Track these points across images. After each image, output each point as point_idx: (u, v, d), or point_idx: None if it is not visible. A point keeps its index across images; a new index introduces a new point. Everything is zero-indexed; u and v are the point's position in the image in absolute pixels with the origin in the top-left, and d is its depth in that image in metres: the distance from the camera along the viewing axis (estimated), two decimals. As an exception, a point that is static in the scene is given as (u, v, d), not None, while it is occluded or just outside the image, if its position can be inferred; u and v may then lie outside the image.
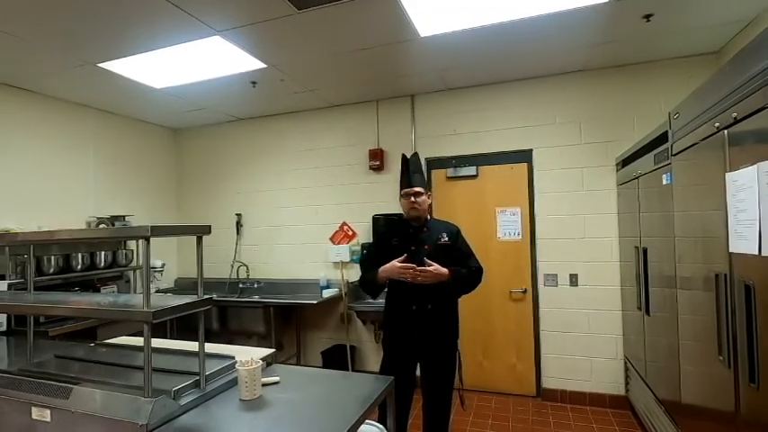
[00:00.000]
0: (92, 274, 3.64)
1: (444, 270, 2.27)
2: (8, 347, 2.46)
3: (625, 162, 3.10)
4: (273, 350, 2.06)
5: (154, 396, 1.43)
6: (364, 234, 4.09)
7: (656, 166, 2.38)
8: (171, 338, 2.53)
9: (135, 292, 4.03)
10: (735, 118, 1.46)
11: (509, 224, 3.73)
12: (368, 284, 2.48)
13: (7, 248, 3.11)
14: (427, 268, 2.24)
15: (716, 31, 2.85)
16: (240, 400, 1.59)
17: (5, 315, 2.87)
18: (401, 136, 4.04)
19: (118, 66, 3.09)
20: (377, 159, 4.05)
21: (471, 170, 3.83)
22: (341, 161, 4.26)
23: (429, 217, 2.50)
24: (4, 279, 3.02)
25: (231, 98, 3.95)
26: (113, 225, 3.82)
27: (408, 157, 2.53)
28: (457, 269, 2.33)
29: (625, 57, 3.27)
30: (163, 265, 4.23)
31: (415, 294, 2.33)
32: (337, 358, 3.97)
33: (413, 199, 2.39)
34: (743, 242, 1.40)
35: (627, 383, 3.32)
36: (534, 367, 3.66)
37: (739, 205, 1.41)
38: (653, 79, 3.34)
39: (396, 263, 2.29)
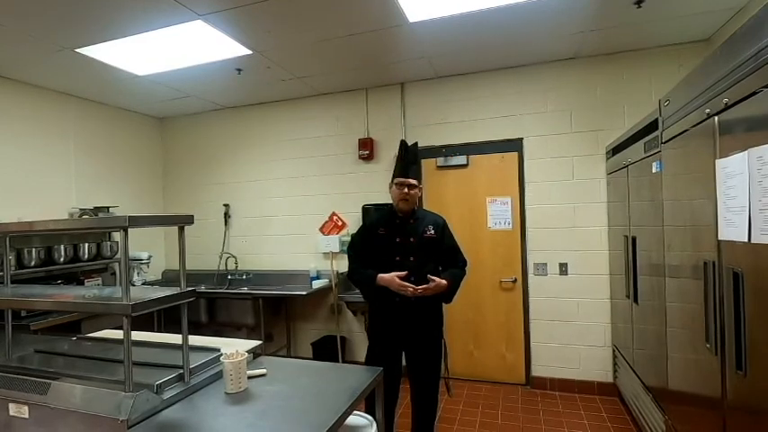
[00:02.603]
0: (75, 266, 3.57)
1: (444, 282, 2.28)
2: (-12, 342, 2.40)
3: (615, 150, 3.09)
4: (260, 342, 2.03)
5: (135, 390, 1.39)
6: (354, 224, 4.05)
7: (645, 155, 2.37)
8: (159, 331, 2.49)
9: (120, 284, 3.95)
10: (725, 104, 1.44)
11: (499, 214, 3.72)
12: (362, 285, 2.45)
13: (-15, 241, 3.02)
14: (428, 285, 2.25)
15: (706, 18, 2.84)
16: (225, 393, 1.56)
17: (-15, 309, 2.78)
18: (391, 125, 3.99)
19: (98, 51, 2.98)
20: (366, 149, 4.00)
21: (461, 159, 3.80)
22: (330, 150, 4.20)
23: (417, 208, 2.47)
24: (-17, 272, 2.94)
25: (217, 86, 3.86)
26: (97, 216, 3.72)
27: (408, 144, 2.48)
28: (453, 275, 2.34)
29: (616, 44, 3.25)
30: (149, 257, 4.15)
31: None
32: (328, 349, 3.95)
33: (406, 190, 2.36)
34: (732, 230, 1.39)
35: (615, 371, 3.35)
36: (524, 356, 3.68)
37: (729, 192, 1.40)
38: (643, 67, 3.32)
39: (396, 278, 2.28)
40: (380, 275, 2.32)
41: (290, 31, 2.80)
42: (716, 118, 1.52)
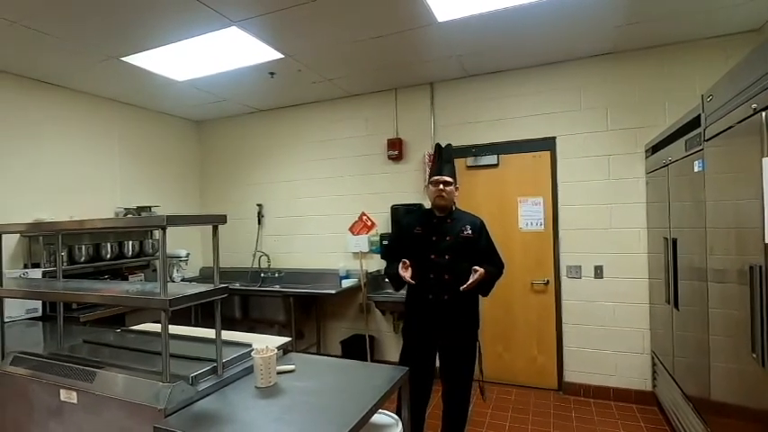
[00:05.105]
0: (120, 262, 3.77)
1: (482, 270, 2.26)
2: (43, 332, 2.60)
3: (655, 149, 2.95)
4: (290, 338, 2.09)
5: (172, 381, 1.47)
6: (383, 224, 4.07)
7: (687, 153, 2.25)
8: (196, 325, 2.60)
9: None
10: (774, 98, 1.35)
11: (531, 214, 3.63)
12: (390, 278, 2.50)
13: (41, 238, 3.26)
14: (474, 279, 2.22)
15: (756, 6, 2.66)
16: (255, 387, 1.61)
17: (40, 301, 3.01)
18: (420, 125, 3.98)
19: (140, 59, 3.15)
20: (395, 149, 4.01)
21: (492, 159, 3.74)
22: (359, 151, 4.24)
23: (454, 208, 2.48)
24: (39, 267, 3.17)
25: (251, 89, 3.98)
26: (139, 215, 3.93)
27: (443, 146, 2.51)
28: (488, 269, 2.32)
29: (656, 37, 3.10)
30: (187, 255, 4.33)
31: (433, 285, 2.33)
32: (356, 348, 4.00)
33: (441, 187, 2.38)
34: (780, 232, 1.31)
35: (654, 379, 3.21)
36: (556, 360, 3.58)
37: (777, 193, 1.32)
38: (687, 61, 3.16)
39: (401, 272, 2.29)
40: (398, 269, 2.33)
41: (321, 34, 2.86)
42: (763, 114, 1.43)
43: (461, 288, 2.24)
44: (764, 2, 2.60)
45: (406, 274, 2.29)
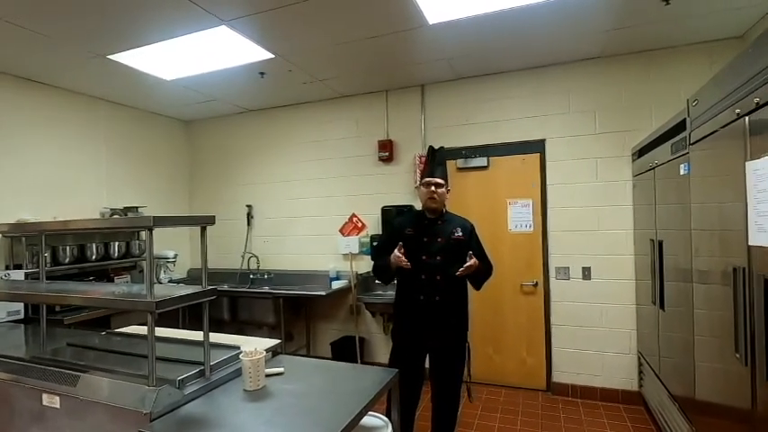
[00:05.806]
0: (106, 264, 3.70)
1: (477, 261, 2.28)
2: (25, 335, 2.53)
3: (641, 152, 3.00)
4: (279, 341, 2.07)
5: (158, 385, 1.44)
6: (374, 226, 4.07)
7: (673, 156, 2.29)
8: (183, 328, 2.57)
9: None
10: (757, 103, 1.38)
11: (520, 216, 3.66)
12: (379, 270, 2.50)
13: (23, 239, 3.18)
14: (471, 263, 2.24)
15: (740, 14, 2.72)
16: (244, 390, 1.59)
17: (22, 304, 2.94)
18: (411, 127, 3.99)
19: (127, 58, 3.10)
20: (386, 150, 4.01)
21: (482, 161, 3.76)
22: (350, 152, 4.24)
23: (445, 210, 2.48)
24: (21, 268, 3.10)
25: (240, 89, 3.95)
26: (126, 216, 3.86)
27: (435, 148, 2.51)
28: (482, 265, 2.35)
29: (643, 43, 3.16)
30: (175, 256, 4.26)
31: (424, 286, 2.33)
32: (346, 350, 3.98)
33: (432, 189, 2.39)
34: (763, 235, 1.34)
35: (640, 379, 3.25)
36: (545, 361, 3.61)
37: (760, 196, 1.35)
38: (672, 66, 3.22)
39: (397, 251, 2.28)
40: (390, 256, 2.32)
41: (311, 34, 2.84)
42: (746, 118, 1.46)
43: (457, 273, 2.23)
44: (746, 10, 2.66)
45: (400, 253, 2.26)
